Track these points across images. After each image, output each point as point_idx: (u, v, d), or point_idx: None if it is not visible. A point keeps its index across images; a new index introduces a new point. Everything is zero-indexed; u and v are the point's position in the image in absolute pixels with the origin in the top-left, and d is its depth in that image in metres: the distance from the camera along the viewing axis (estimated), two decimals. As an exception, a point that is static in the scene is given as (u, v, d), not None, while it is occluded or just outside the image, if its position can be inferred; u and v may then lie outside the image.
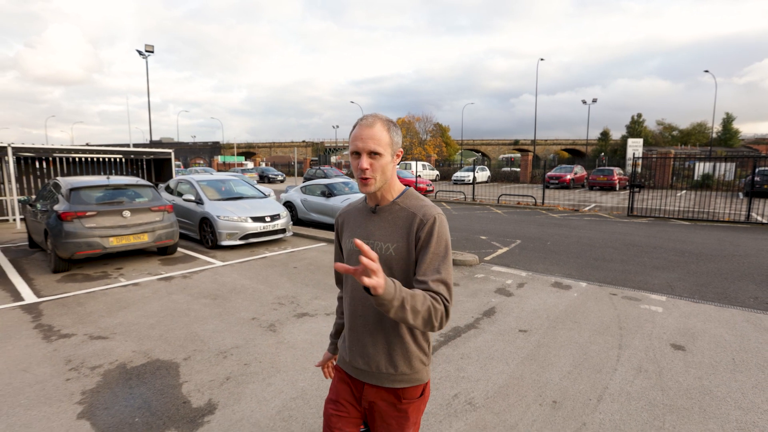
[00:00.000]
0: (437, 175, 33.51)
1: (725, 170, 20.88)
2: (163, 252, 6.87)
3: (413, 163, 29.47)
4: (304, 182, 24.25)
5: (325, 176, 22.13)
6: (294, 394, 2.72)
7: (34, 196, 7.55)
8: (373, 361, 1.24)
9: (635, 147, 27.35)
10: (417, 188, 17.90)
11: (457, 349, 3.35)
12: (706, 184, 19.38)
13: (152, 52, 21.61)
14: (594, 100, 39.99)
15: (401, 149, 1.27)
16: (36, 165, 11.62)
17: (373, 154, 1.18)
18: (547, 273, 5.75)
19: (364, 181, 1.19)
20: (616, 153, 40.54)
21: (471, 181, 25.96)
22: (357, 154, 1.20)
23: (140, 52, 21.77)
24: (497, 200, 15.94)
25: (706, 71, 35.75)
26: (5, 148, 9.95)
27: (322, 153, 62.28)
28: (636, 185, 12.53)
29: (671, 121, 56.08)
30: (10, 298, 4.71)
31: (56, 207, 5.83)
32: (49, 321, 4.01)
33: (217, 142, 71.03)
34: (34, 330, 3.80)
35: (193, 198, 7.92)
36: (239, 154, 63.57)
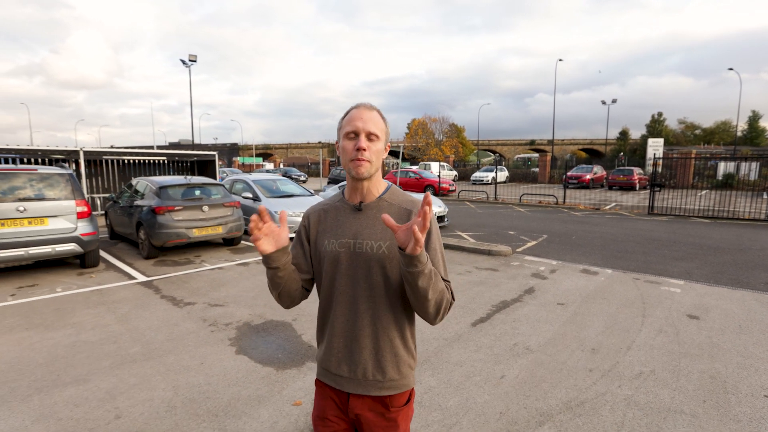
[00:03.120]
0: (455, 175, 34.10)
1: (749, 170, 20.88)
2: (229, 243, 7.83)
3: (432, 163, 30.18)
4: (328, 182, 25.12)
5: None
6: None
7: (114, 194, 8.63)
8: (359, 368, 1.16)
9: (656, 147, 27.43)
10: (440, 188, 18.62)
11: (508, 315, 4.13)
12: (729, 183, 19.52)
13: (195, 61, 23.01)
14: (614, 101, 39.93)
15: (389, 144, 1.23)
16: (91, 167, 12.84)
17: (372, 135, 1.12)
18: (575, 262, 6.46)
19: (358, 162, 1.11)
20: (635, 153, 40.33)
21: (490, 181, 26.58)
22: (354, 135, 1.12)
23: (183, 62, 23.23)
24: (519, 199, 16.55)
25: (730, 69, 35.32)
26: (78, 151, 11.20)
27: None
28: (657, 184, 13.00)
29: (694, 119, 55.28)
30: (126, 277, 5.70)
31: (150, 202, 6.84)
32: (169, 293, 4.95)
33: (236, 144, 73.05)
34: (162, 300, 4.74)
35: (250, 195, 8.89)
36: (257, 155, 65.30)
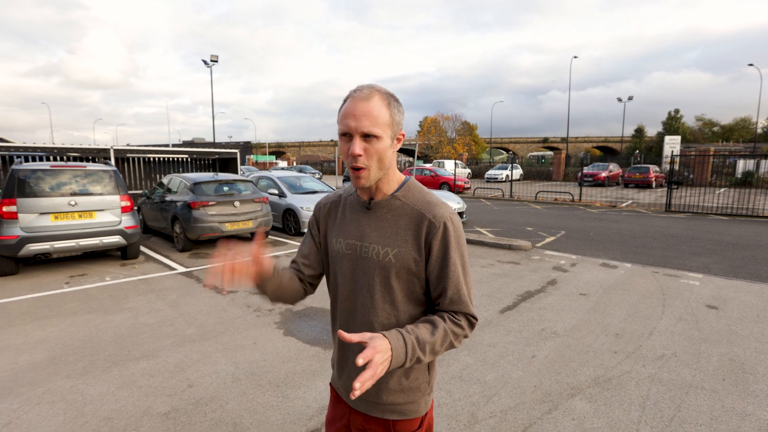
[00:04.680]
0: (469, 173, 34.16)
1: (769, 167, 20.56)
2: (257, 237, 8.18)
3: (446, 161, 30.32)
4: (344, 180, 25.41)
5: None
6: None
7: (147, 191, 9.06)
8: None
9: (672, 144, 27.09)
10: (455, 185, 18.80)
11: (533, 304, 4.36)
12: (748, 181, 19.25)
13: (216, 61, 23.56)
14: (630, 98, 39.40)
15: (403, 132, 1.02)
16: (118, 164, 13.34)
17: (368, 136, 0.93)
18: (594, 256, 6.63)
19: (356, 172, 0.96)
20: (651, 150, 39.79)
21: (504, 179, 26.61)
22: (348, 135, 0.95)
23: (205, 62, 23.81)
24: (534, 197, 16.63)
25: (750, 65, 34.55)
26: (108, 150, 11.71)
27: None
28: (674, 182, 12.98)
29: (712, 116, 54.31)
30: (166, 268, 6.07)
31: (185, 198, 7.22)
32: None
33: (249, 142, 74.11)
34: (205, 288, 5.08)
35: (276, 192, 9.23)
36: (269, 154, 66.21)
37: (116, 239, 6.07)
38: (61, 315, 4.10)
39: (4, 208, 5.30)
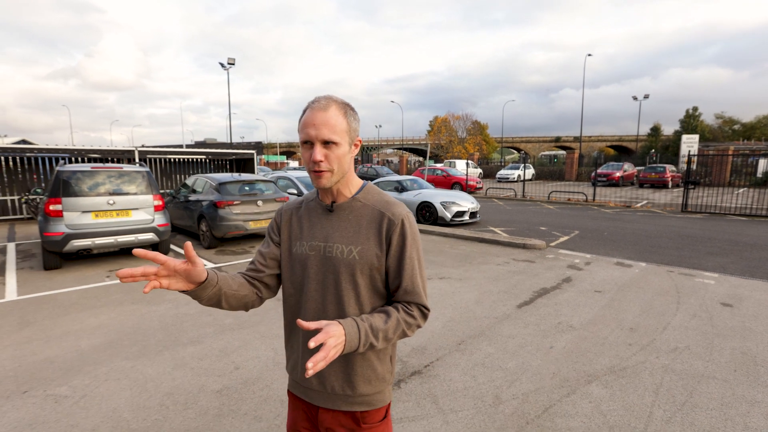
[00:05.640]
0: (480, 173, 34.13)
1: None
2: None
3: (457, 161, 30.37)
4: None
5: (377, 174, 23.60)
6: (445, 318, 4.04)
7: (173, 190, 9.46)
8: (327, 381, 1.11)
9: (690, 144, 26.66)
10: (467, 185, 18.91)
11: (550, 300, 4.54)
12: (769, 181, 18.90)
13: (233, 64, 24.11)
14: (646, 96, 38.85)
15: (359, 138, 1.13)
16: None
17: (328, 143, 1.03)
18: (608, 255, 6.75)
19: (317, 174, 1.05)
20: (667, 149, 39.12)
21: (516, 179, 26.57)
22: (309, 143, 1.04)
23: (222, 65, 24.40)
24: (547, 197, 16.65)
25: (772, 62, 33.66)
26: (132, 151, 12.21)
27: (362, 152, 64.23)
28: (691, 182, 12.89)
29: (732, 113, 53.08)
30: (196, 263, 6.41)
31: (211, 197, 7.57)
32: (240, 277, 5.60)
33: (260, 142, 75.14)
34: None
35: (295, 192, 9.54)
36: (280, 154, 67.04)
37: (150, 236, 6.43)
38: (109, 305, 4.44)
39: (51, 207, 5.70)
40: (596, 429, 2.34)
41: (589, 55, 37.03)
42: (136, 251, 0.88)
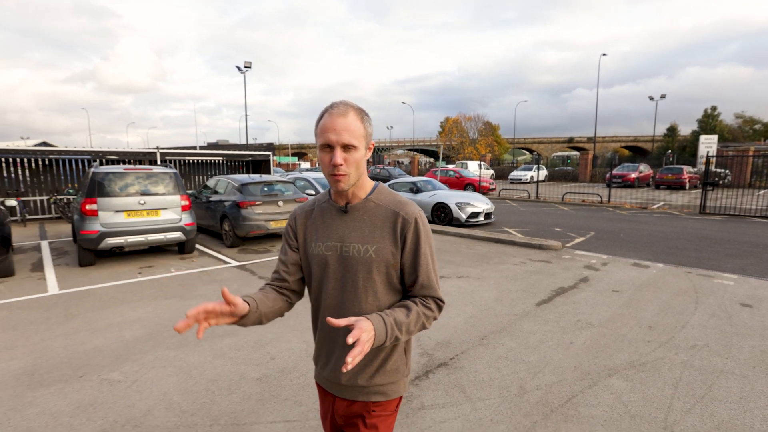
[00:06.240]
0: (492, 174, 34.04)
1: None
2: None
3: (469, 162, 30.36)
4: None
5: (390, 175, 23.78)
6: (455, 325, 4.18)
7: (195, 191, 9.77)
8: (346, 372, 1.16)
9: (708, 144, 26.17)
10: (480, 186, 18.95)
11: (568, 298, 4.64)
12: (790, 182, 18.49)
13: (249, 67, 24.62)
14: (662, 96, 38.22)
15: (373, 142, 1.18)
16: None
17: (348, 147, 1.07)
18: (625, 256, 6.79)
19: (336, 177, 1.09)
20: (684, 150, 38.45)
21: (528, 180, 26.45)
22: (329, 147, 1.07)
23: (239, 68, 24.95)
24: (561, 198, 16.60)
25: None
26: (154, 152, 12.61)
27: (373, 153, 64.52)
28: (709, 183, 12.73)
29: (753, 113, 51.79)
30: (220, 262, 6.66)
31: (233, 198, 7.83)
32: (264, 275, 5.82)
33: (272, 143, 76.00)
34: (260, 280, 5.61)
35: (313, 192, 9.77)
36: (291, 155, 67.76)
37: (177, 235, 6.71)
38: (145, 299, 4.69)
39: (87, 206, 6.01)
40: (618, 418, 2.46)
41: (604, 54, 36.68)
42: (224, 293, 0.97)
